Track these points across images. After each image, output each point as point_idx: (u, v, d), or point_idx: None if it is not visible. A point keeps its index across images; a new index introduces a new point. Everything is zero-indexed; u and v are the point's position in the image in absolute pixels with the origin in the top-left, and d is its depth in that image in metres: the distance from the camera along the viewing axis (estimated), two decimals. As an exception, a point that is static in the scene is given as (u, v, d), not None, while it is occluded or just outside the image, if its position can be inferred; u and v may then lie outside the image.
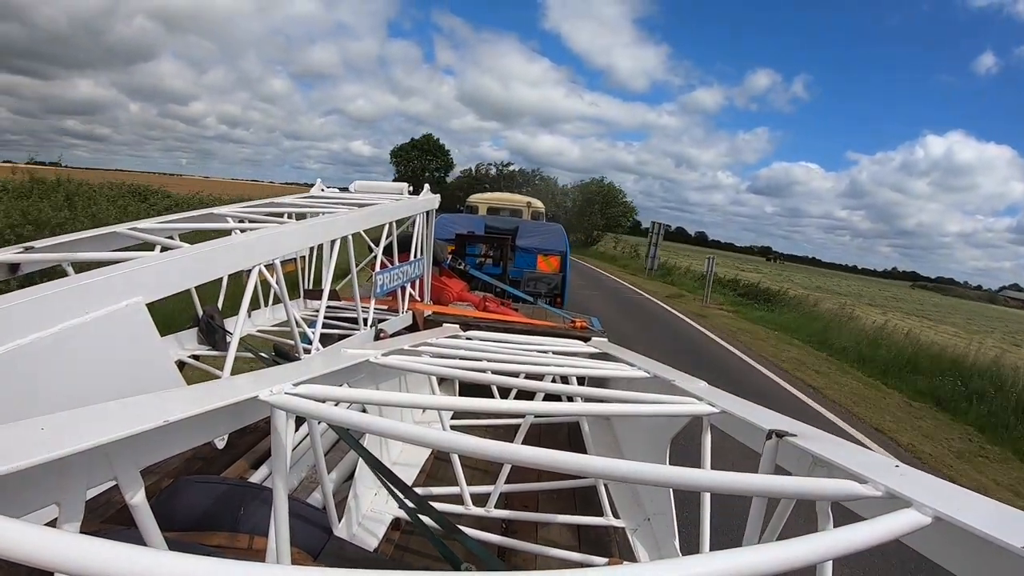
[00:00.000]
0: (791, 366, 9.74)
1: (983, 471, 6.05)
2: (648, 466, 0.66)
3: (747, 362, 9.67)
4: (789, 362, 10.09)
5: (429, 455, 2.16)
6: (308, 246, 3.58)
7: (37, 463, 0.54)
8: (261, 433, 2.07)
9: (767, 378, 8.70)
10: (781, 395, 7.78)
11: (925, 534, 0.58)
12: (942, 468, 5.86)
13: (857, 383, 9.25)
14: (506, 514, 1.78)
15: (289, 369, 1.12)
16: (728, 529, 1.24)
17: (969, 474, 5.85)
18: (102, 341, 1.30)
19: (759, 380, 8.51)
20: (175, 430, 0.70)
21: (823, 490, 0.67)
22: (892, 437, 6.62)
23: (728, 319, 14.90)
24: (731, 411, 1.06)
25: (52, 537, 0.39)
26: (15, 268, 1.74)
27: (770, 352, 10.85)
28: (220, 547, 1.11)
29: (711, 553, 0.46)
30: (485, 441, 0.69)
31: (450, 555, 1.21)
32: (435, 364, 1.40)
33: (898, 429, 6.98)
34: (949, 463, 6.08)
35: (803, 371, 9.47)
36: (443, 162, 62.70)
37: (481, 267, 7.14)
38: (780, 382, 8.49)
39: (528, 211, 12.01)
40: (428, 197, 4.16)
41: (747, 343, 11.48)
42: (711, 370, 8.13)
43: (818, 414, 7.04)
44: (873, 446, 5.83)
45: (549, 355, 1.88)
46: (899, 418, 7.54)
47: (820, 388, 8.43)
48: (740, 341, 11.57)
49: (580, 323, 4.64)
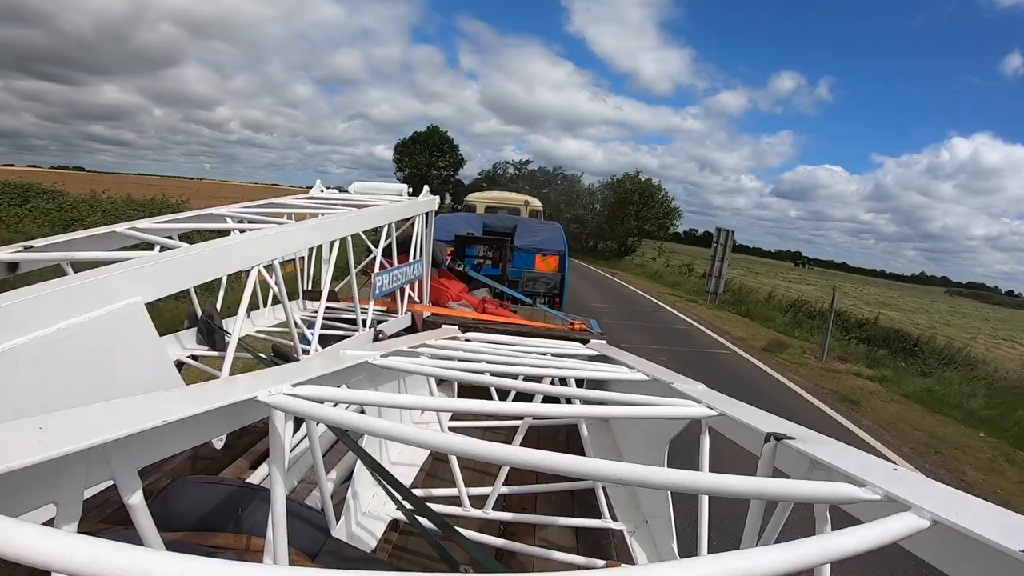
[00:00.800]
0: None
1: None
2: (646, 468, 0.66)
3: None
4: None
5: (427, 456, 2.16)
6: (307, 247, 3.58)
7: (35, 462, 0.53)
8: (259, 434, 2.07)
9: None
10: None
11: (923, 538, 0.58)
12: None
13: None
14: (504, 516, 1.78)
15: (288, 370, 1.12)
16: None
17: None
18: (100, 341, 1.30)
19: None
20: (173, 430, 0.70)
21: (821, 493, 0.67)
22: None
23: (897, 408, 8.77)
24: (729, 414, 1.06)
25: (50, 537, 0.39)
26: (14, 267, 1.74)
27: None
28: (218, 547, 1.11)
29: (709, 556, 0.46)
30: (483, 443, 0.69)
31: (448, 557, 1.21)
32: (434, 365, 1.40)
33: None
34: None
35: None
36: (452, 158, 55.68)
37: (480, 268, 7.14)
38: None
39: (526, 210, 12.01)
40: (427, 199, 4.17)
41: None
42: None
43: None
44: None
45: (548, 357, 1.87)
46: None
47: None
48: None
49: (579, 325, 4.65)
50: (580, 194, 43.80)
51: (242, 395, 0.83)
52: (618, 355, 2.15)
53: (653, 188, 41.03)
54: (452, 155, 55.42)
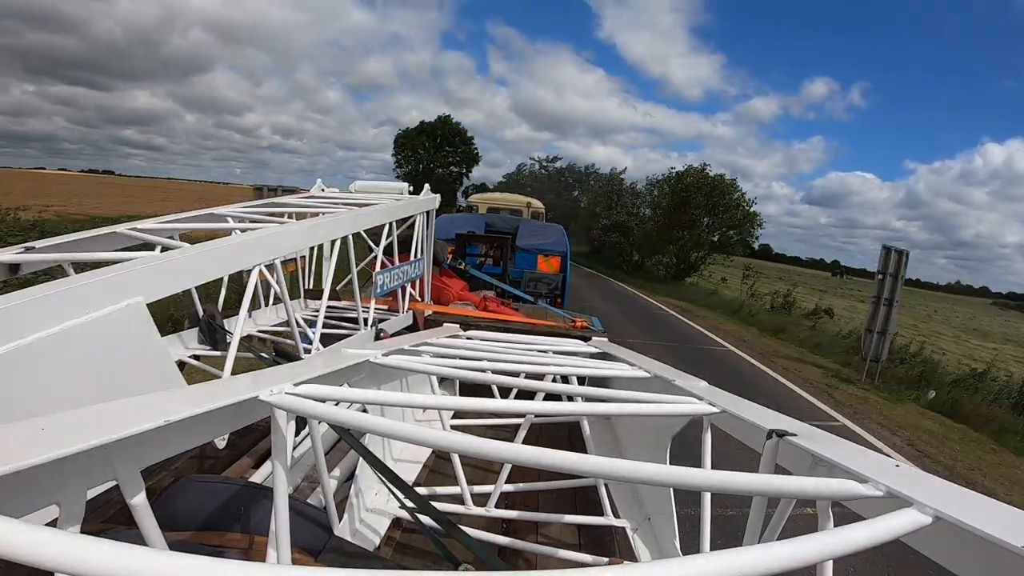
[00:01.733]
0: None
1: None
2: (648, 466, 0.66)
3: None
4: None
5: (430, 455, 2.16)
6: (308, 246, 3.58)
7: (38, 463, 0.54)
8: (261, 433, 2.07)
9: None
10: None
11: (926, 534, 0.58)
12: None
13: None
14: (507, 513, 1.78)
15: (290, 369, 1.13)
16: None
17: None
18: (102, 341, 1.31)
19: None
20: (176, 430, 0.70)
21: (823, 490, 0.67)
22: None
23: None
24: (731, 410, 1.06)
25: (53, 537, 0.39)
26: (15, 268, 1.74)
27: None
28: (221, 547, 1.11)
29: (712, 553, 0.46)
30: (485, 441, 0.69)
31: (450, 554, 1.21)
32: (435, 364, 1.40)
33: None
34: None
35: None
36: (464, 153, 45.56)
37: (481, 267, 7.15)
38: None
39: (528, 211, 12.04)
40: (428, 197, 4.17)
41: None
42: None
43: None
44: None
45: (549, 355, 1.87)
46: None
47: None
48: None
49: (580, 323, 4.65)
50: (622, 195, 32.88)
51: (244, 394, 0.83)
52: (619, 352, 2.15)
53: (725, 186, 27.54)
54: (466, 149, 46.05)
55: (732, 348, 11.77)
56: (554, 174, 44.66)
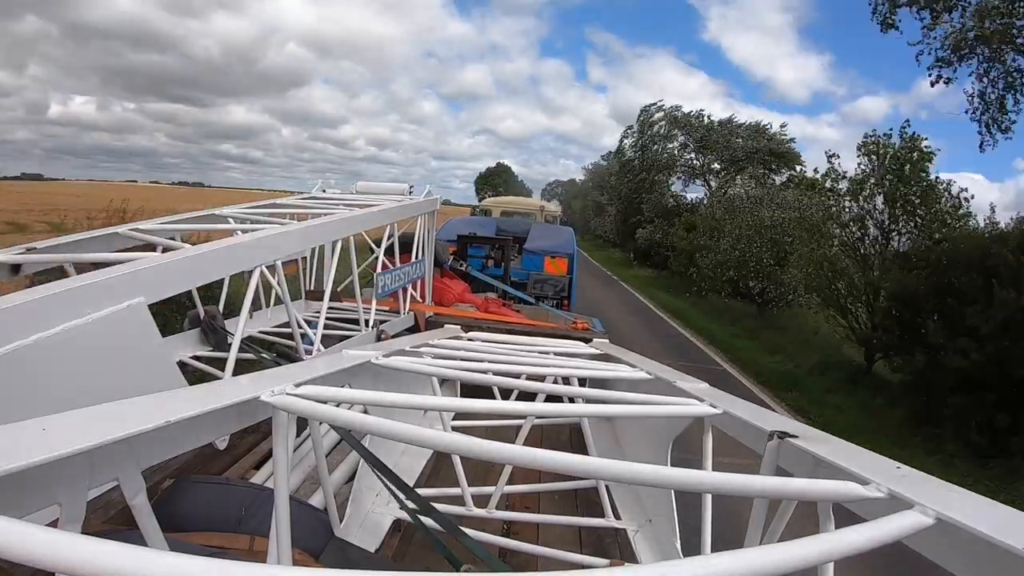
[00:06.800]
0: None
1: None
2: (649, 467, 0.65)
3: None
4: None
5: (431, 456, 2.16)
6: (309, 247, 3.58)
7: (39, 463, 0.54)
8: (263, 434, 2.07)
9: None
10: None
11: (927, 535, 0.57)
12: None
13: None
14: (507, 515, 1.78)
15: (291, 370, 1.13)
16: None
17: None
18: (104, 342, 1.30)
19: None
20: (177, 430, 0.70)
21: (825, 491, 0.66)
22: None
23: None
24: (733, 412, 1.05)
25: (53, 537, 0.39)
26: (17, 269, 1.74)
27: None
28: (221, 547, 1.11)
29: (713, 554, 0.46)
30: (486, 442, 0.69)
31: (451, 556, 1.21)
32: (437, 365, 1.40)
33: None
34: None
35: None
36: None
37: (484, 269, 7.15)
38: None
39: (541, 214, 12.07)
40: (429, 199, 4.16)
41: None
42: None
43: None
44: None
45: (550, 356, 1.87)
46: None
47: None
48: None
49: (582, 324, 4.64)
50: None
51: (245, 395, 0.83)
52: (621, 354, 2.14)
53: (934, 187, 10.78)
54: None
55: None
56: (697, 127, 28.85)
